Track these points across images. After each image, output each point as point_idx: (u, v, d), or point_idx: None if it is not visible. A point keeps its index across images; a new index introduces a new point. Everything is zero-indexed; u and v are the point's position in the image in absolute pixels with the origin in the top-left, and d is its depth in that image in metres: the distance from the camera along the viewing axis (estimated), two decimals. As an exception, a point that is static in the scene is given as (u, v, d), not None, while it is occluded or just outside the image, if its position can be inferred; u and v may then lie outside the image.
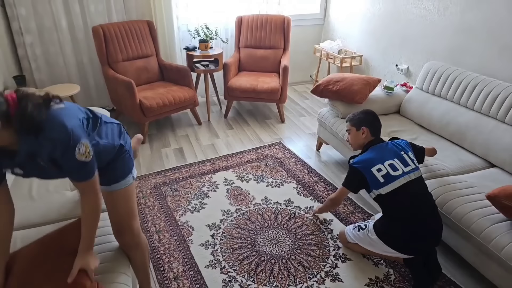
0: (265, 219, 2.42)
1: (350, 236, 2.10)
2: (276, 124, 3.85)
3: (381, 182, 1.83)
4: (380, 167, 1.84)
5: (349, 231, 2.11)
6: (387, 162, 1.86)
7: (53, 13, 3.42)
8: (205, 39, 3.76)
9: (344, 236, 2.16)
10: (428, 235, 1.81)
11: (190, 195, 2.66)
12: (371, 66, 4.06)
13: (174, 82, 3.68)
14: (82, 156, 1.18)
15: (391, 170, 1.84)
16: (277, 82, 3.73)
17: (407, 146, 1.99)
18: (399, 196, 1.82)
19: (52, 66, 3.63)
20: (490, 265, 1.76)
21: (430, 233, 1.81)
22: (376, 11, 3.85)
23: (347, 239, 2.12)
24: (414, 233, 1.80)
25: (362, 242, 2.01)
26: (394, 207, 1.87)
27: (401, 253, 1.87)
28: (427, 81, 2.84)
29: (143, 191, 2.70)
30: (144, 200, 2.61)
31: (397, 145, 1.97)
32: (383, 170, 1.84)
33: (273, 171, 2.96)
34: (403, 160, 1.87)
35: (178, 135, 3.58)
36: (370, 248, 1.99)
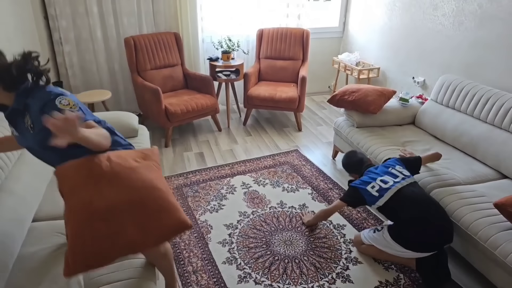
0: (280, 221, 2.53)
1: (366, 237, 2.19)
2: (293, 132, 3.97)
3: (376, 196, 2.04)
4: (373, 185, 2.08)
5: (365, 233, 2.21)
6: (379, 179, 2.09)
7: (90, 25, 3.70)
8: (227, 50, 3.94)
9: (358, 238, 2.25)
10: (437, 231, 1.92)
11: (209, 196, 2.80)
12: (389, 78, 4.15)
13: (197, 90, 3.87)
14: (66, 106, 1.24)
15: (382, 184, 2.06)
16: (295, 91, 3.86)
17: (395, 162, 2.21)
18: (395, 201, 2.00)
19: (86, 73, 3.90)
20: (495, 271, 1.82)
21: (439, 228, 1.92)
22: (394, 25, 3.95)
23: (362, 240, 2.21)
24: (423, 230, 1.90)
25: (377, 243, 2.11)
26: (396, 212, 2.00)
27: (415, 252, 1.96)
28: (442, 93, 2.91)
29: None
30: None
31: (386, 165, 2.20)
32: (376, 186, 2.07)
33: (289, 177, 3.07)
34: (391, 174, 2.11)
35: (199, 140, 3.75)
36: (385, 249, 2.08)
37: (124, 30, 3.81)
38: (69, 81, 3.80)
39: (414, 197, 1.99)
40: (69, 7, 3.57)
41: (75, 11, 3.62)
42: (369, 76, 4.13)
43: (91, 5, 3.60)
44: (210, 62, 3.99)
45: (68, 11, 3.57)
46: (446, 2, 3.26)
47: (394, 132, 2.92)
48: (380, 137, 2.82)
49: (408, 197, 1.99)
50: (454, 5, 3.18)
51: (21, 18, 3.02)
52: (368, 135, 2.84)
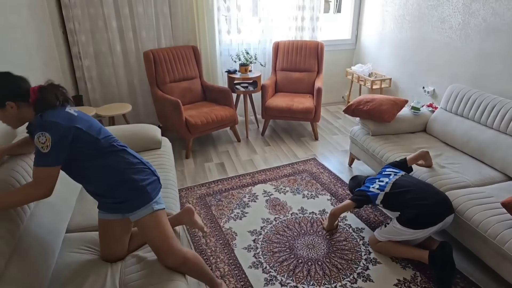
0: (301, 227, 2.66)
1: (379, 234, 2.37)
2: (310, 141, 4.12)
3: (376, 193, 2.35)
4: (374, 185, 2.41)
5: (378, 232, 2.40)
6: (377, 181, 2.43)
7: (109, 40, 3.85)
8: (245, 63, 4.12)
9: (373, 237, 2.43)
10: (436, 201, 2.19)
11: (232, 204, 2.94)
12: (400, 88, 4.29)
13: (216, 102, 4.03)
14: (39, 144, 1.39)
15: (381, 183, 2.40)
16: (311, 102, 4.02)
17: (386, 166, 2.58)
18: (394, 190, 2.31)
19: (106, 87, 4.03)
20: (505, 266, 1.96)
21: (436, 199, 2.20)
22: (404, 38, 4.11)
23: (378, 238, 2.38)
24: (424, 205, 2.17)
25: (390, 234, 2.30)
26: (397, 199, 2.28)
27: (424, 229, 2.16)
28: (451, 102, 3.07)
29: (189, 200, 2.99)
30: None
31: (380, 172, 2.56)
32: (376, 185, 2.41)
33: (308, 184, 3.21)
34: (385, 176, 2.45)
35: (219, 151, 3.90)
36: (398, 238, 2.27)
37: (143, 44, 3.96)
38: (89, 95, 3.93)
39: (409, 181, 2.34)
40: (89, 22, 3.71)
41: (95, 25, 3.76)
42: (382, 86, 4.28)
43: (110, 20, 3.74)
44: (228, 75, 4.17)
45: (87, 26, 3.71)
46: (453, 16, 3.42)
47: (407, 139, 3.08)
48: (394, 144, 2.97)
49: (403, 183, 2.31)
50: (460, 19, 3.34)
51: (41, 33, 3.13)
52: (383, 143, 2.99)
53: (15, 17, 2.59)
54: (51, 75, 3.29)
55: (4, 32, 2.38)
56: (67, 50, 3.77)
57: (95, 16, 3.74)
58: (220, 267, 2.29)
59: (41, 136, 1.39)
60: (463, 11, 3.30)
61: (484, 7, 3.09)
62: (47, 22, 3.40)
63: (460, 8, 3.33)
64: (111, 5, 3.72)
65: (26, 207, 1.62)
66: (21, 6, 2.76)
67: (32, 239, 1.56)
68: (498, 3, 2.95)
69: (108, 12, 3.73)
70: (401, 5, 4.10)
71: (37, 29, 3.04)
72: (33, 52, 2.88)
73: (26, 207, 1.62)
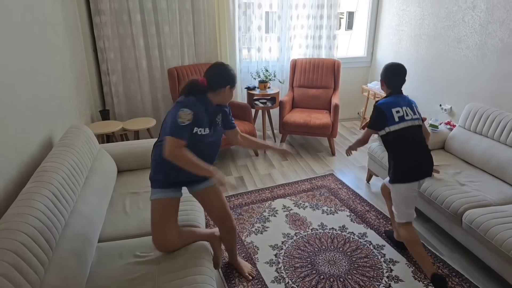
0: (322, 242, 2.70)
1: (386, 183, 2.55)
2: (327, 156, 4.19)
3: (395, 121, 2.33)
4: (398, 109, 2.35)
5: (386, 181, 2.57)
6: (404, 108, 2.37)
7: (136, 57, 4.02)
8: (264, 80, 4.24)
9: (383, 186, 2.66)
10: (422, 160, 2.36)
11: (253, 219, 2.99)
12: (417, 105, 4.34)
13: (236, 117, 4.10)
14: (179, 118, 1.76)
15: (405, 114, 2.34)
16: (329, 118, 4.11)
17: (415, 104, 2.48)
18: (404, 134, 2.33)
19: (130, 101, 4.18)
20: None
21: (425, 163, 2.37)
22: (420, 56, 4.20)
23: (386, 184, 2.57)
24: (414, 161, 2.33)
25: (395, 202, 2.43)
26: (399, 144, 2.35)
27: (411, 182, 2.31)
28: (469, 120, 3.13)
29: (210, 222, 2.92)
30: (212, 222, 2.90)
31: (411, 100, 2.48)
32: (400, 112, 2.34)
33: (327, 200, 3.27)
34: (412, 110, 2.40)
35: (238, 165, 3.99)
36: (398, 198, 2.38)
37: (168, 61, 4.12)
38: (114, 110, 4.07)
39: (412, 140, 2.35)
40: (118, 40, 3.90)
41: (123, 44, 3.95)
42: (398, 103, 4.34)
43: (138, 38, 3.93)
44: (248, 91, 4.29)
45: (116, 44, 3.90)
46: (469, 36, 3.50)
47: (426, 157, 3.12)
48: (413, 161, 3.01)
49: (409, 137, 2.34)
50: (477, 39, 3.41)
51: (74, 50, 3.31)
52: (402, 160, 3.04)
53: (53, 35, 2.76)
54: (81, 89, 3.44)
55: (44, 47, 2.53)
56: (96, 67, 3.95)
57: (124, 35, 3.92)
58: (243, 281, 2.33)
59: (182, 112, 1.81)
60: (480, 31, 3.38)
61: (501, 28, 3.17)
62: (80, 40, 3.58)
63: (477, 28, 3.41)
64: (139, 25, 3.90)
65: (62, 218, 1.70)
66: (59, 24, 2.93)
67: (67, 249, 1.62)
68: (516, 25, 3.03)
69: (136, 31, 3.91)
70: (417, 25, 4.20)
71: (71, 46, 3.21)
72: (67, 67, 3.04)
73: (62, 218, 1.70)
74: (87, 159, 2.26)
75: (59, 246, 1.60)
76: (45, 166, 1.84)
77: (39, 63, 2.37)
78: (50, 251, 1.50)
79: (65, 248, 1.62)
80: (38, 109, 2.29)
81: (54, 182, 1.74)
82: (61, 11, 3.00)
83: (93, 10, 3.73)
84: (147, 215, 2.18)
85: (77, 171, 2.02)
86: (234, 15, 4.22)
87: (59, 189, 1.75)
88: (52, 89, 2.58)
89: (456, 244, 2.65)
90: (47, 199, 1.61)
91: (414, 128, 2.35)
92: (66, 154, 2.02)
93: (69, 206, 1.81)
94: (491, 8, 3.24)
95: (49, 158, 1.94)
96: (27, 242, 1.36)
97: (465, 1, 3.50)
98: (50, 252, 1.50)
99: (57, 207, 1.68)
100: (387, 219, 2.96)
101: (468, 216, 2.35)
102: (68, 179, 1.87)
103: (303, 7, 4.53)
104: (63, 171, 1.86)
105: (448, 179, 2.74)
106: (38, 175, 1.75)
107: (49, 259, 1.48)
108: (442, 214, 2.60)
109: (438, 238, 2.75)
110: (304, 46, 4.74)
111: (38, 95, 2.31)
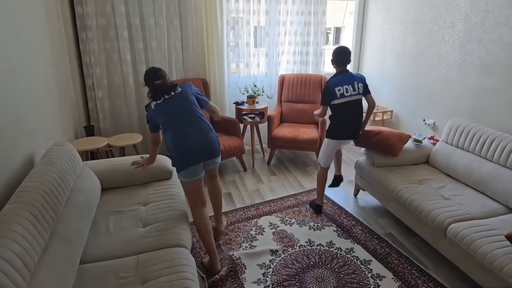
0: (310, 259, 2.67)
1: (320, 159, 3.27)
2: (315, 171, 4.21)
3: (337, 97, 2.97)
4: (340, 88, 2.98)
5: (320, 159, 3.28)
6: (344, 86, 2.99)
7: (123, 72, 4.00)
8: (253, 95, 4.27)
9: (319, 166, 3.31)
10: (351, 127, 3.11)
11: (240, 238, 2.92)
12: (401, 120, 4.43)
13: (224, 132, 4.11)
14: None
15: (345, 91, 2.98)
16: (316, 133, 4.14)
17: (360, 80, 3.09)
18: (342, 107, 3.00)
19: (116, 117, 4.14)
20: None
21: (352, 129, 3.12)
22: (404, 72, 4.29)
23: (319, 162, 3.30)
24: (345, 127, 3.08)
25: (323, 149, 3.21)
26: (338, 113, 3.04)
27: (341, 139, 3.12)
28: (451, 135, 3.20)
29: (197, 236, 2.87)
30: (199, 244, 2.84)
31: (355, 76, 3.09)
32: (341, 90, 2.98)
33: (313, 216, 3.25)
34: (353, 87, 3.01)
35: (226, 180, 3.97)
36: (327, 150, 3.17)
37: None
38: (100, 125, 4.02)
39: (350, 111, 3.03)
40: (104, 55, 3.88)
41: (109, 59, 3.92)
42: (384, 118, 4.41)
43: (125, 53, 3.92)
44: (236, 106, 4.31)
45: (102, 59, 3.87)
46: (450, 54, 3.60)
47: (411, 171, 3.17)
48: (398, 175, 3.07)
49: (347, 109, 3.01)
50: (457, 57, 3.51)
51: (59, 66, 3.27)
52: (388, 174, 3.09)
53: (37, 50, 2.73)
54: (65, 105, 3.41)
55: (27, 63, 2.51)
56: (81, 82, 3.91)
57: (111, 50, 3.92)
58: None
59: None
60: (460, 50, 3.48)
61: (479, 47, 3.27)
62: (65, 54, 3.55)
63: (457, 47, 3.50)
64: (126, 40, 3.91)
65: (41, 240, 1.65)
66: (43, 40, 2.91)
67: (47, 273, 1.57)
68: (492, 44, 3.12)
69: (123, 47, 3.91)
70: (400, 42, 4.30)
71: (55, 61, 3.18)
72: (51, 86, 3.01)
73: (41, 240, 1.65)
74: (70, 177, 2.22)
75: (38, 270, 1.55)
76: (25, 186, 1.81)
77: (21, 80, 2.35)
78: (28, 275, 1.46)
79: (45, 272, 1.57)
80: (20, 127, 2.26)
81: (34, 202, 1.70)
82: (46, 27, 2.99)
83: (79, 26, 3.72)
84: (131, 234, 2.17)
85: (59, 190, 1.98)
86: (222, 31, 4.27)
87: (39, 210, 1.71)
88: (34, 106, 2.55)
89: (441, 257, 2.67)
90: (26, 221, 1.58)
91: (352, 101, 3.01)
92: (47, 173, 1.98)
93: (49, 227, 1.76)
94: (470, 28, 3.34)
95: (29, 178, 1.90)
96: (4, 267, 1.32)
97: (445, 21, 3.60)
98: (29, 277, 1.46)
99: (37, 229, 1.64)
100: (373, 233, 2.98)
101: (452, 230, 2.38)
102: (48, 199, 1.83)
103: (290, 24, 4.62)
104: (43, 190, 1.82)
105: (432, 193, 2.78)
106: (17, 196, 1.72)
107: (27, 284, 1.44)
108: (427, 228, 2.62)
109: (424, 252, 2.77)
110: (292, 62, 4.81)
111: (20, 113, 2.28)
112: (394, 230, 3.06)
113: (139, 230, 2.22)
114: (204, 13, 4.14)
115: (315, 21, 4.63)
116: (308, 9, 4.56)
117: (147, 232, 2.19)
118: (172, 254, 1.98)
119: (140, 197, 2.63)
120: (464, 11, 3.37)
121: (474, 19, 3.27)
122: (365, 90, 3.08)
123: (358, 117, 3.11)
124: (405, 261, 2.66)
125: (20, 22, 2.42)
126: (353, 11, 5.08)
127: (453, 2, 3.47)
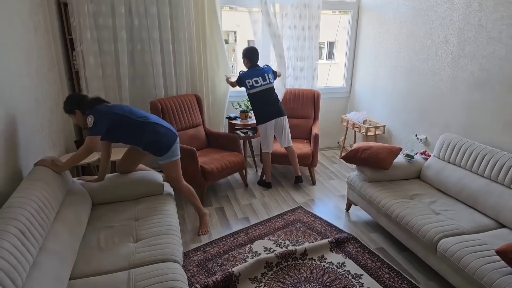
0: (301, 273, 2.67)
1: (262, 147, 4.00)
2: (307, 186, 4.21)
3: (249, 88, 3.77)
4: (249, 81, 3.76)
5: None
6: (254, 79, 3.75)
7: (116, 87, 3.98)
8: (246, 110, 4.30)
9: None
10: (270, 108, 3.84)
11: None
12: (393, 135, 4.46)
13: (222, 148, 4.11)
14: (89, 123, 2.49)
15: (254, 83, 3.75)
16: (309, 148, 4.16)
17: (270, 71, 3.87)
18: (257, 96, 3.80)
19: None
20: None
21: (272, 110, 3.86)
22: (396, 87, 4.34)
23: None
24: (266, 110, 3.83)
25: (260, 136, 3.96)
26: (256, 101, 3.81)
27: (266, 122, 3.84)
28: (443, 150, 3.23)
29: (189, 269, 2.71)
30: (194, 279, 2.63)
31: (265, 69, 3.85)
32: (251, 82, 3.76)
33: (305, 234, 3.18)
34: (264, 78, 3.77)
35: (218, 196, 3.94)
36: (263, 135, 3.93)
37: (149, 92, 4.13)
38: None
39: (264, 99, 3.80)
40: (101, 69, 3.85)
41: (104, 73, 3.90)
42: (376, 133, 4.45)
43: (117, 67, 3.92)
44: (229, 121, 4.34)
45: (100, 73, 3.85)
46: (442, 69, 3.65)
47: (402, 186, 3.19)
48: (390, 190, 3.08)
49: (262, 97, 3.78)
50: (449, 72, 3.56)
51: (48, 81, 3.29)
52: (379, 189, 3.10)
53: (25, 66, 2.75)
54: (55, 120, 3.41)
55: (18, 81, 2.53)
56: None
57: (106, 63, 3.90)
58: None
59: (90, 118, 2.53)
60: (452, 65, 3.53)
61: (472, 62, 3.31)
62: (54, 68, 3.56)
63: (450, 62, 3.56)
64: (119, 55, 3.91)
65: (29, 256, 1.64)
66: (32, 55, 2.92)
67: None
68: (485, 59, 3.17)
69: (115, 61, 3.92)
70: (393, 57, 4.36)
71: (44, 76, 3.19)
72: (40, 98, 3.01)
73: (29, 256, 1.64)
74: (59, 192, 2.22)
75: (27, 286, 1.54)
76: (12, 201, 1.80)
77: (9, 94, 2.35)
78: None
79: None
80: (8, 142, 2.26)
81: (21, 218, 1.70)
82: (34, 42, 3.00)
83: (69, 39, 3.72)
84: (122, 249, 2.16)
85: (47, 205, 1.98)
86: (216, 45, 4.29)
87: (27, 226, 1.70)
88: (23, 122, 2.56)
89: (432, 272, 2.67)
90: (13, 237, 1.57)
91: (265, 90, 3.76)
92: (35, 188, 1.98)
93: (37, 243, 1.75)
94: (463, 43, 3.39)
95: (16, 193, 1.90)
96: (-11, 283, 1.32)
97: (438, 36, 3.67)
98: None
99: (25, 245, 1.63)
100: (365, 248, 2.98)
101: (442, 244, 2.38)
102: (36, 215, 1.82)
103: (283, 39, 4.67)
104: (31, 206, 1.82)
105: (423, 208, 2.79)
106: (4, 212, 1.71)
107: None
108: (418, 243, 2.62)
109: (415, 266, 2.77)
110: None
111: (9, 129, 2.28)
112: (386, 245, 3.05)
113: (130, 245, 2.22)
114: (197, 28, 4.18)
115: (309, 35, 4.66)
116: (302, 24, 4.59)
117: (138, 247, 2.19)
118: (164, 269, 1.98)
119: (131, 212, 2.62)
120: (457, 26, 3.43)
121: (467, 34, 3.33)
122: (274, 76, 3.92)
123: (273, 100, 3.84)
124: (396, 275, 2.65)
125: (6, 35, 2.42)
126: (346, 26, 5.17)
127: (447, 16, 3.54)
